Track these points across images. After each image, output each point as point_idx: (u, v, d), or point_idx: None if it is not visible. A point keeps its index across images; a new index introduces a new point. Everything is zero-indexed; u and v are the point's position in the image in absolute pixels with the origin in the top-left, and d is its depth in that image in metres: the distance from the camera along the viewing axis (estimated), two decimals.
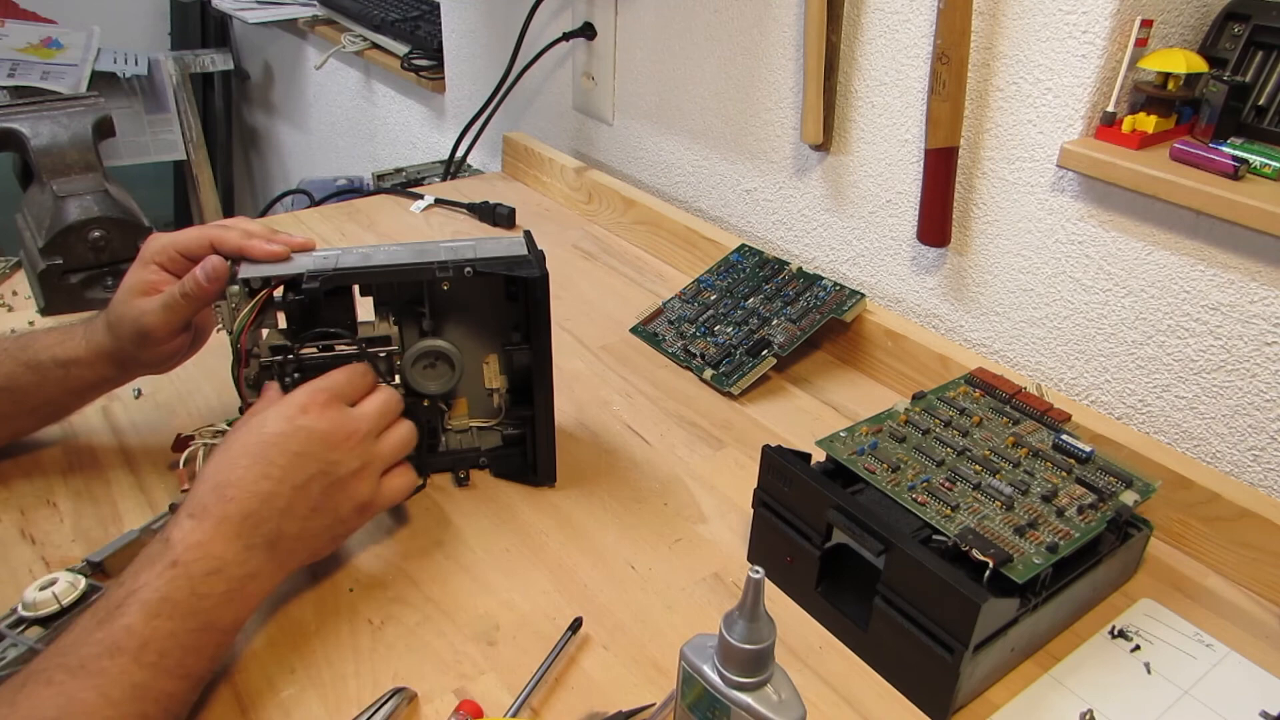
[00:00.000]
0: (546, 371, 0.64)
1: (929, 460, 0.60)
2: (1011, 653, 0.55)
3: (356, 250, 0.62)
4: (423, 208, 1.16)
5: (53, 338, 0.63)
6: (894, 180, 0.85)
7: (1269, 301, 0.63)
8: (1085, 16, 0.68)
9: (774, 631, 0.41)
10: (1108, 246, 0.71)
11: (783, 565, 0.60)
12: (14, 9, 2.35)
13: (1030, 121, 0.73)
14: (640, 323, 0.91)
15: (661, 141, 1.11)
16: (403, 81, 1.67)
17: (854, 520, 0.54)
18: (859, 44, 0.84)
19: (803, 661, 0.55)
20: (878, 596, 0.54)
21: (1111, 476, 0.59)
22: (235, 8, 2.06)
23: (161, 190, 2.69)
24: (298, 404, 0.55)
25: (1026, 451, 0.61)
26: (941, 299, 0.85)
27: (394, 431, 0.59)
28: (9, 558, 0.60)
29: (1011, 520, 0.54)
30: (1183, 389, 0.70)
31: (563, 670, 0.54)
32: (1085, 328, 0.74)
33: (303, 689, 0.52)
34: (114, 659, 0.45)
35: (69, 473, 0.67)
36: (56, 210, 0.86)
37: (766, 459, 0.60)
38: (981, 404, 0.66)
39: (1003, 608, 0.51)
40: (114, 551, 0.58)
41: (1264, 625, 0.60)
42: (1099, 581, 0.59)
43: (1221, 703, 0.54)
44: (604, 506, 0.67)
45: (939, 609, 0.50)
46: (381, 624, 0.56)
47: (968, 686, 0.52)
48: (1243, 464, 0.68)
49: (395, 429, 0.59)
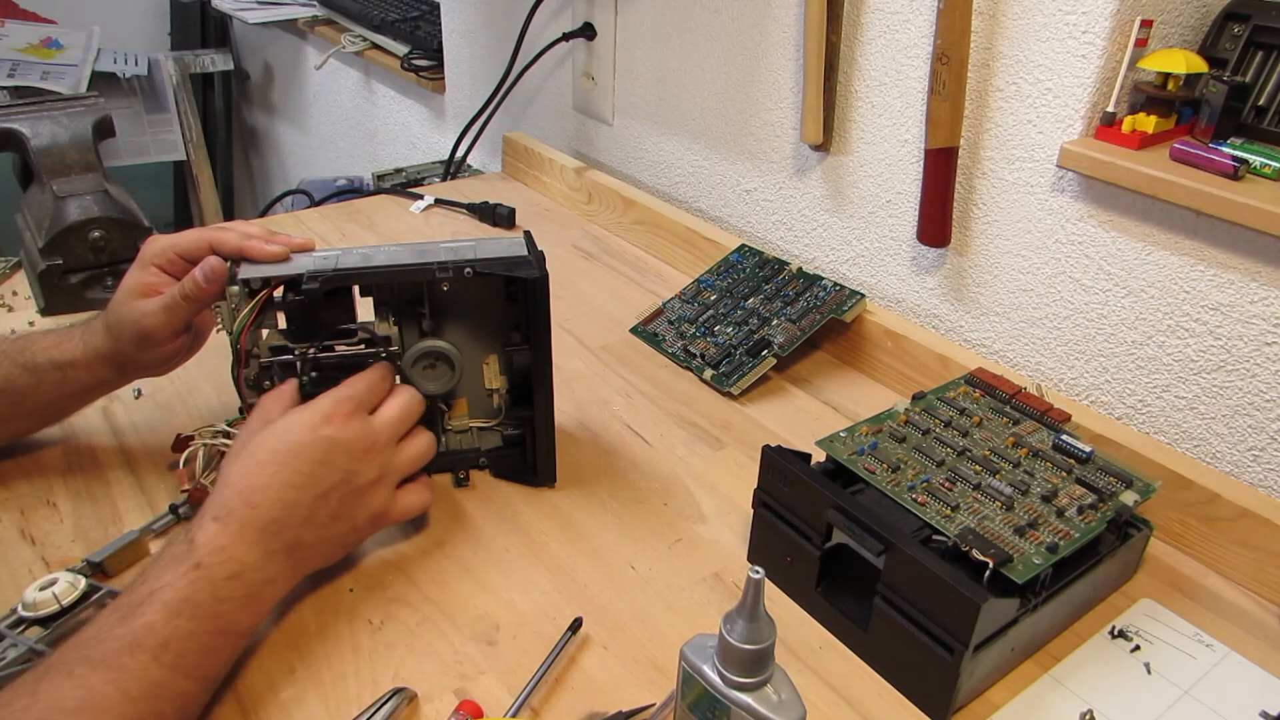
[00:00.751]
0: (546, 372, 0.64)
1: (929, 460, 0.60)
2: (1011, 653, 0.55)
3: (356, 251, 0.62)
4: (423, 208, 1.16)
5: (50, 339, 0.64)
6: (894, 180, 0.85)
7: (1269, 302, 0.63)
8: (1085, 17, 0.68)
9: (774, 632, 0.41)
10: (1108, 247, 0.71)
11: (783, 565, 0.60)
12: (14, 9, 2.35)
13: (1030, 121, 0.73)
14: (640, 323, 0.91)
15: (661, 141, 1.11)
16: (403, 81, 1.67)
17: (854, 520, 0.54)
18: (859, 44, 0.84)
19: (802, 661, 0.55)
20: (878, 596, 0.54)
21: (1111, 477, 0.59)
22: (235, 8, 2.06)
23: (161, 190, 2.69)
24: (323, 413, 0.55)
25: (1026, 452, 0.60)
26: (941, 299, 0.85)
27: (413, 443, 0.60)
28: (9, 558, 0.60)
29: (1011, 520, 0.54)
30: (1183, 389, 0.70)
31: (563, 670, 0.54)
32: (1085, 328, 0.74)
33: (303, 689, 0.52)
34: (134, 656, 0.45)
35: (69, 473, 0.67)
36: (56, 210, 0.86)
37: (766, 459, 0.60)
38: (981, 404, 0.66)
39: (1003, 608, 0.51)
40: (114, 552, 0.58)
41: (1264, 625, 0.60)
42: (1099, 581, 0.59)
43: (1221, 703, 0.54)
44: (604, 506, 0.67)
45: (939, 609, 0.50)
46: (381, 624, 0.56)
47: (968, 686, 0.52)
48: (1243, 464, 0.68)
49: (414, 441, 0.60)
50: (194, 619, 0.48)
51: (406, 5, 1.71)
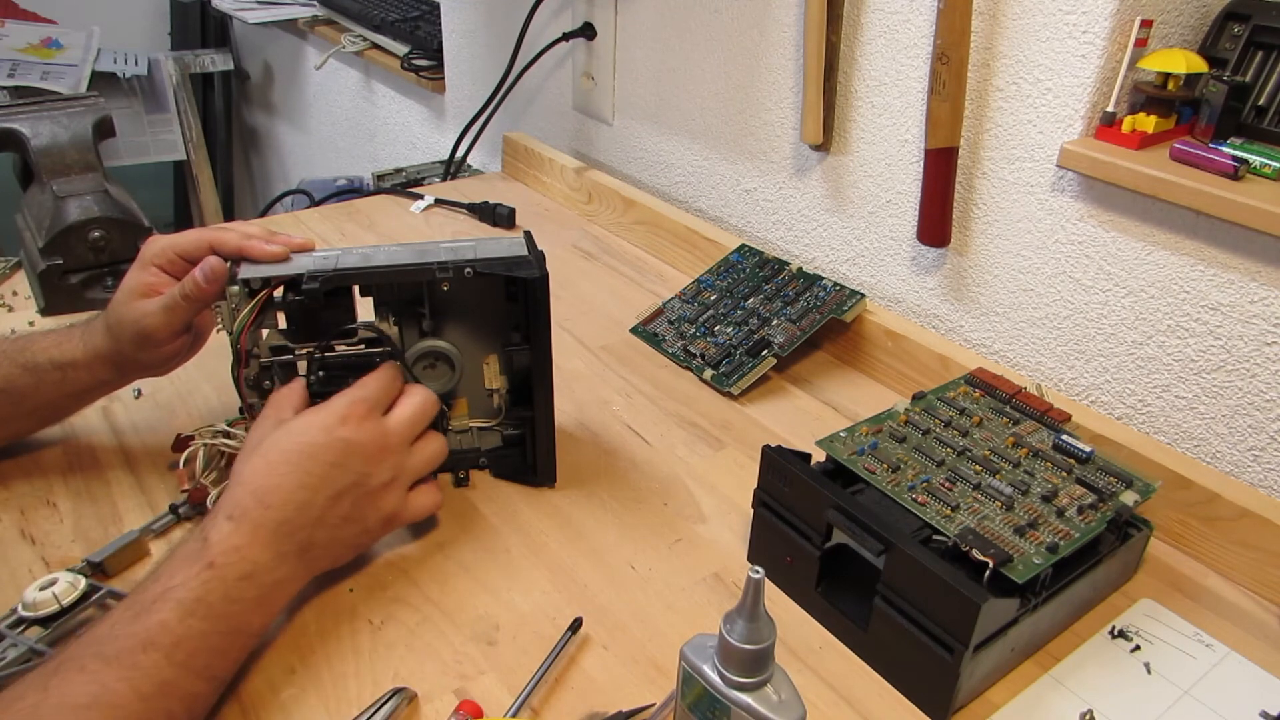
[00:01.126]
0: (546, 372, 0.64)
1: (929, 460, 0.60)
2: (1012, 653, 0.55)
3: (356, 250, 0.62)
4: (422, 208, 1.16)
5: (50, 339, 0.64)
6: (894, 180, 0.85)
7: (1269, 302, 0.63)
8: (1085, 17, 0.68)
9: (774, 632, 0.41)
10: (1108, 247, 0.71)
11: (783, 565, 0.60)
12: (14, 9, 2.35)
13: (1030, 121, 0.73)
14: (640, 323, 0.91)
15: (661, 141, 1.11)
16: (403, 81, 1.67)
17: (854, 520, 0.54)
18: (859, 44, 0.84)
19: (803, 661, 0.55)
20: (878, 596, 0.54)
21: (1111, 477, 0.59)
22: (235, 8, 2.06)
23: (161, 190, 2.69)
24: (338, 414, 0.55)
25: (1026, 452, 0.60)
26: (941, 299, 0.85)
27: (426, 446, 0.60)
28: (9, 558, 0.60)
29: (1011, 520, 0.54)
30: (1182, 389, 0.70)
31: (563, 670, 0.54)
32: (1085, 328, 0.74)
33: (303, 689, 0.52)
34: (147, 654, 0.45)
35: (69, 473, 0.67)
36: (56, 210, 0.86)
37: (766, 459, 0.60)
38: (981, 404, 0.66)
39: (1003, 608, 0.51)
40: (114, 552, 0.58)
41: (1264, 625, 0.60)
42: (1099, 581, 0.59)
43: (1221, 703, 0.54)
44: (604, 506, 0.67)
45: (939, 609, 0.50)
46: (381, 624, 0.56)
47: (968, 686, 0.52)
48: (1243, 464, 0.68)
49: (427, 443, 0.60)
50: (207, 619, 0.48)
51: (406, 5, 1.71)
